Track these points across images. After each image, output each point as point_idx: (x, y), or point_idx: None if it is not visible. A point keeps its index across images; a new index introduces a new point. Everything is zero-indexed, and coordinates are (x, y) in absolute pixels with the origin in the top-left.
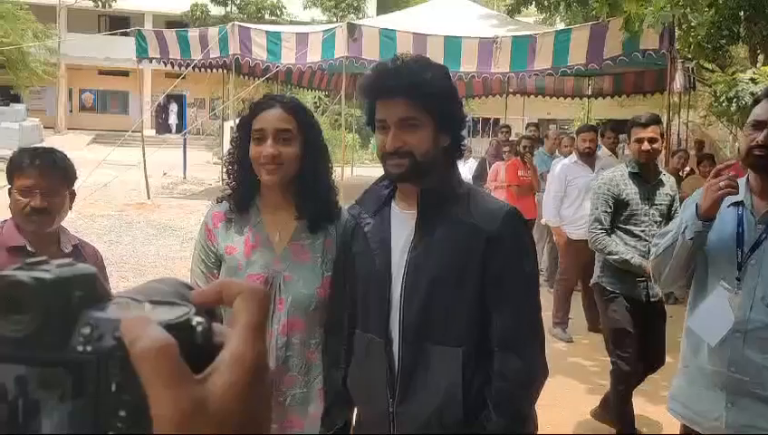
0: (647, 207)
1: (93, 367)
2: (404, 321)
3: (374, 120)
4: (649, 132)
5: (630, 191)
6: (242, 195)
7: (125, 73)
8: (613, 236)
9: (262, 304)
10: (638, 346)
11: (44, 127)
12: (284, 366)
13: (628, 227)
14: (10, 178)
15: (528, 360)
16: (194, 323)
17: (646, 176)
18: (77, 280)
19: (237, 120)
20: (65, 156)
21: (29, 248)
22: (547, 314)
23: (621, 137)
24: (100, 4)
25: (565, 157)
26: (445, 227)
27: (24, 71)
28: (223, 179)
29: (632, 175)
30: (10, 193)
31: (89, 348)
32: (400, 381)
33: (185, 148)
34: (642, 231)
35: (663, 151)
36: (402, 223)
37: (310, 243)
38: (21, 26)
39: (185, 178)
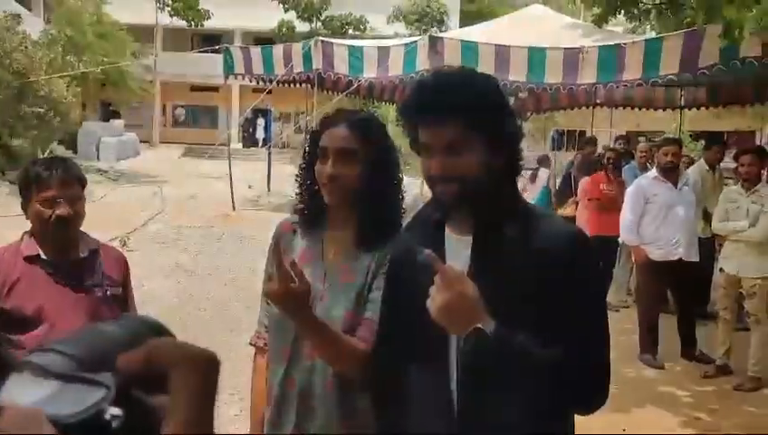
0: None
1: None
2: (461, 360)
3: (418, 143)
4: None
5: None
6: (309, 209)
7: (215, 89)
8: None
9: (205, 376)
10: None
11: (140, 141)
12: (307, 393)
13: None
14: (27, 192)
15: (583, 389)
16: (108, 416)
17: None
18: None
19: (308, 135)
20: (75, 163)
21: (43, 257)
22: (634, 338)
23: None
24: (193, 23)
25: None
26: (504, 254)
27: (123, 88)
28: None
29: None
30: (27, 206)
31: None
32: (459, 428)
33: (269, 161)
34: None
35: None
36: (457, 251)
37: (358, 264)
38: (120, 46)
39: (269, 190)
